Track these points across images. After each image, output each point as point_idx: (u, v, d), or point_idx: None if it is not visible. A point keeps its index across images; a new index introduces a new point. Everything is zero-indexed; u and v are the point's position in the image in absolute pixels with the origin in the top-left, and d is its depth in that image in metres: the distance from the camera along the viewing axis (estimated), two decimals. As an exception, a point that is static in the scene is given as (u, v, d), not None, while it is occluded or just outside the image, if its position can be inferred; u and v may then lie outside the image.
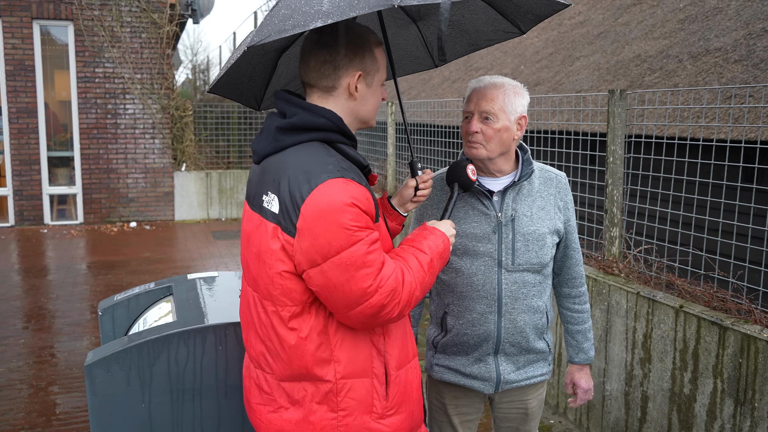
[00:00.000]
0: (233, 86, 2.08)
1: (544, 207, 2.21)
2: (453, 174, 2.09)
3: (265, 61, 2.08)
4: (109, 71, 10.65)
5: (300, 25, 1.55)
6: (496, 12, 2.21)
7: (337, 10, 1.55)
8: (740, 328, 2.93)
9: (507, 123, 2.11)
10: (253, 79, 2.12)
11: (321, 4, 1.59)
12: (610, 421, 3.73)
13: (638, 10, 7.94)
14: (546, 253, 2.19)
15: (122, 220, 10.93)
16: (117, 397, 2.14)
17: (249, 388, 1.90)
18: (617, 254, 3.95)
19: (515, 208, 2.17)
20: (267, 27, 1.63)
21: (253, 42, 1.61)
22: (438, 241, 1.85)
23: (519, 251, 2.16)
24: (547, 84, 7.94)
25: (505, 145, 2.13)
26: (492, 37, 2.34)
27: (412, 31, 2.33)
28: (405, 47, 2.40)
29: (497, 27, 2.29)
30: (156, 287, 2.81)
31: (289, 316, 1.71)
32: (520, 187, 2.19)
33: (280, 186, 1.67)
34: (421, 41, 2.37)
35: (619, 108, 3.82)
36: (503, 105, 2.10)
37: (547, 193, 2.22)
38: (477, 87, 2.16)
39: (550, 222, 2.20)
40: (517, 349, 2.23)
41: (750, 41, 5.59)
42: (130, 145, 10.89)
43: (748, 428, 2.89)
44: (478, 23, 2.27)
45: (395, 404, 1.81)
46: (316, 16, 1.55)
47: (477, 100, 2.12)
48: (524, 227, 2.16)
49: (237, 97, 2.18)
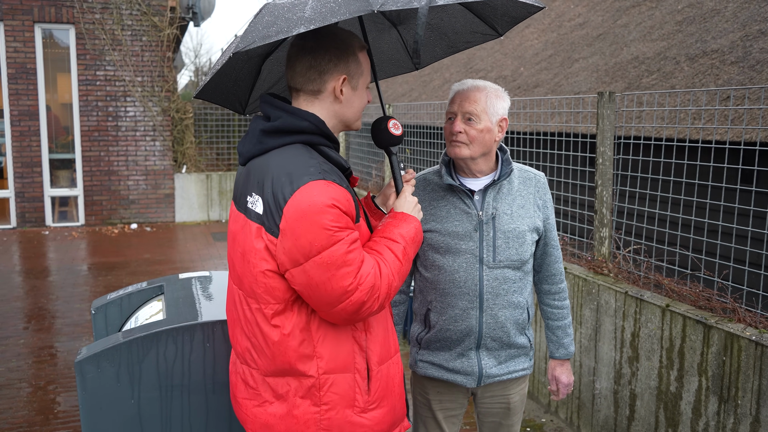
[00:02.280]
0: (219, 91, 2.13)
1: (524, 205, 2.27)
2: (377, 138, 2.03)
3: (249, 66, 2.13)
4: (110, 74, 10.72)
5: (283, 31, 1.61)
6: (473, 15, 2.26)
7: (319, 16, 1.60)
8: (724, 326, 2.97)
9: (489, 124, 2.17)
10: (237, 84, 2.17)
11: (303, 10, 1.64)
12: (600, 419, 3.77)
13: (637, 12, 7.98)
14: (526, 250, 2.25)
15: (123, 222, 11.00)
16: (107, 392, 2.19)
17: (235, 384, 1.96)
18: (607, 254, 3.99)
19: (496, 207, 2.23)
20: (251, 33, 1.69)
21: (238, 48, 1.66)
22: (409, 227, 1.90)
23: (500, 248, 2.22)
24: (546, 86, 7.98)
25: (486, 145, 2.20)
26: (470, 39, 2.40)
27: (392, 35, 2.39)
28: (386, 51, 2.46)
29: (474, 29, 2.35)
30: (148, 286, 2.86)
31: (272, 313, 1.76)
32: (500, 187, 2.26)
33: (264, 187, 1.73)
34: (401, 45, 2.43)
35: (608, 110, 3.86)
36: (485, 107, 2.16)
37: (526, 192, 2.29)
38: (460, 89, 2.22)
39: (529, 220, 2.26)
40: (499, 344, 2.29)
41: (747, 43, 5.63)
42: (131, 148, 10.96)
43: (732, 425, 2.92)
44: (456, 26, 2.33)
45: (377, 398, 1.87)
46: (299, 23, 1.60)
47: (460, 102, 2.18)
48: (504, 225, 2.23)
49: (223, 101, 2.23)
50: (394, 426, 1.94)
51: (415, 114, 8.78)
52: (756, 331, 2.88)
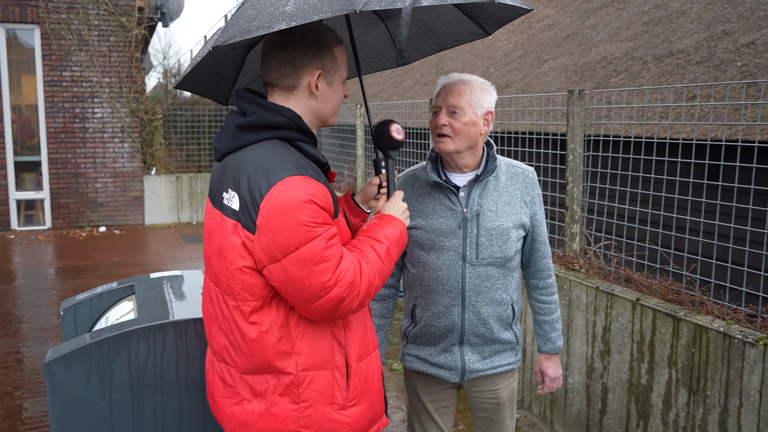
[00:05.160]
0: (201, 82, 2.11)
1: (510, 202, 2.27)
2: (378, 139, 2.03)
3: (233, 57, 2.11)
4: (76, 75, 10.54)
5: (264, 26, 1.59)
6: (462, 13, 2.26)
7: (301, 12, 1.59)
8: (693, 318, 3.03)
9: (474, 117, 2.18)
10: (220, 75, 2.15)
11: (285, 5, 1.63)
12: (573, 413, 3.81)
13: (605, 13, 8.09)
14: (510, 248, 2.26)
15: (91, 225, 10.82)
16: (77, 394, 2.15)
17: (213, 382, 1.93)
18: (578, 250, 4.03)
19: (480, 204, 2.24)
20: (232, 27, 1.67)
21: (218, 42, 1.64)
22: (394, 229, 1.89)
23: (483, 246, 2.23)
24: (517, 86, 8.05)
25: (472, 139, 2.20)
26: (458, 38, 2.40)
27: (380, 30, 2.38)
28: (372, 45, 2.44)
29: (463, 28, 2.34)
30: (118, 286, 2.82)
31: (249, 310, 1.75)
32: (486, 183, 2.26)
33: (239, 183, 1.71)
34: (388, 39, 2.42)
35: (578, 107, 3.91)
36: (470, 100, 2.17)
37: (513, 188, 2.29)
38: (446, 83, 2.23)
39: (515, 216, 2.26)
40: (482, 340, 2.31)
41: (711, 43, 5.74)
42: (99, 150, 10.79)
43: (701, 416, 2.98)
44: (445, 24, 2.33)
45: (356, 395, 1.86)
46: (281, 18, 1.59)
47: (445, 95, 2.19)
48: (488, 222, 2.23)
49: (204, 92, 2.21)
50: (373, 423, 1.94)
51: (387, 114, 8.79)
52: (724, 323, 2.94)
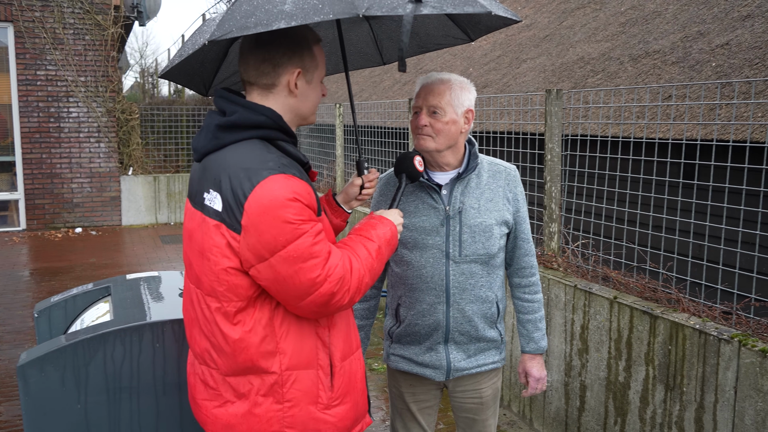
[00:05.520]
0: (184, 72, 2.09)
1: (492, 199, 2.28)
2: (401, 165, 2.16)
3: (217, 49, 2.09)
4: (51, 74, 10.40)
5: (263, 23, 1.58)
6: (449, 19, 2.27)
7: (301, 12, 1.57)
8: (669, 316, 3.06)
9: (454, 116, 2.19)
10: (204, 66, 2.13)
11: (284, 4, 1.60)
12: (552, 411, 3.83)
13: (582, 13, 8.15)
14: (493, 244, 2.26)
15: (67, 226, 10.68)
16: (51, 397, 2.11)
17: (194, 385, 1.91)
18: (556, 249, 4.06)
19: (463, 201, 2.25)
20: (228, 22, 1.64)
21: (213, 36, 1.61)
22: (385, 229, 1.91)
23: (466, 243, 2.23)
24: (495, 86, 8.09)
25: (452, 137, 2.21)
26: (441, 42, 2.41)
27: (363, 29, 2.38)
28: (355, 43, 2.44)
29: (447, 33, 2.35)
30: (94, 288, 2.78)
31: (234, 311, 1.73)
32: (468, 180, 2.27)
33: (221, 184, 1.69)
34: (371, 38, 2.42)
35: (556, 107, 3.93)
36: (450, 99, 2.18)
37: (495, 186, 2.30)
38: (426, 83, 2.23)
39: (498, 213, 2.27)
40: (467, 338, 2.30)
41: (687, 44, 5.81)
42: (75, 149, 10.65)
43: (678, 412, 3.01)
44: (430, 28, 2.34)
45: (340, 395, 1.85)
46: (279, 17, 1.57)
47: (425, 95, 2.20)
48: (471, 219, 2.24)
49: (187, 82, 2.19)
50: (357, 422, 1.94)
51: (366, 114, 8.79)
52: (699, 320, 2.97)
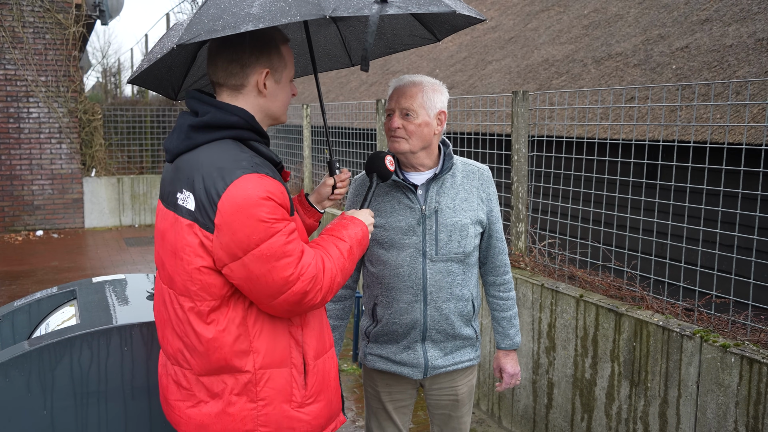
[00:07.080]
0: (153, 77, 2.09)
1: (467, 199, 2.32)
2: (372, 164, 2.18)
3: (185, 53, 2.08)
4: (10, 73, 10.17)
5: (230, 26, 1.58)
6: (415, 19, 2.29)
7: (268, 14, 1.57)
8: (633, 313, 3.12)
9: (427, 118, 2.22)
10: (172, 70, 2.12)
11: (251, 7, 1.61)
12: (520, 409, 3.88)
13: (546, 16, 8.26)
14: (469, 243, 2.30)
15: (27, 229, 10.45)
16: (16, 403, 2.07)
17: (166, 386, 1.90)
18: (523, 248, 4.11)
19: (438, 201, 2.28)
20: (197, 26, 1.64)
21: (182, 40, 1.62)
22: (357, 229, 1.94)
23: (442, 242, 2.26)
24: (461, 87, 8.15)
25: (426, 139, 2.24)
26: (408, 42, 2.44)
27: (331, 30, 2.39)
28: (324, 45, 2.46)
29: (414, 33, 2.38)
30: (59, 291, 2.73)
31: (208, 310, 1.73)
32: (443, 180, 2.30)
33: (194, 183, 1.69)
34: (339, 40, 2.43)
35: (522, 108, 3.98)
36: (422, 102, 2.21)
37: (469, 186, 2.34)
38: (398, 86, 2.26)
39: (472, 213, 2.31)
40: (444, 336, 2.33)
41: (648, 46, 5.93)
42: (35, 151, 10.43)
43: (643, 407, 3.07)
44: (397, 28, 2.36)
45: (314, 393, 1.87)
46: (247, 19, 1.57)
47: (398, 98, 2.23)
48: (447, 218, 2.27)
49: (155, 87, 2.19)
50: (331, 420, 1.95)
51: (333, 114, 8.78)
52: (663, 317, 3.04)
